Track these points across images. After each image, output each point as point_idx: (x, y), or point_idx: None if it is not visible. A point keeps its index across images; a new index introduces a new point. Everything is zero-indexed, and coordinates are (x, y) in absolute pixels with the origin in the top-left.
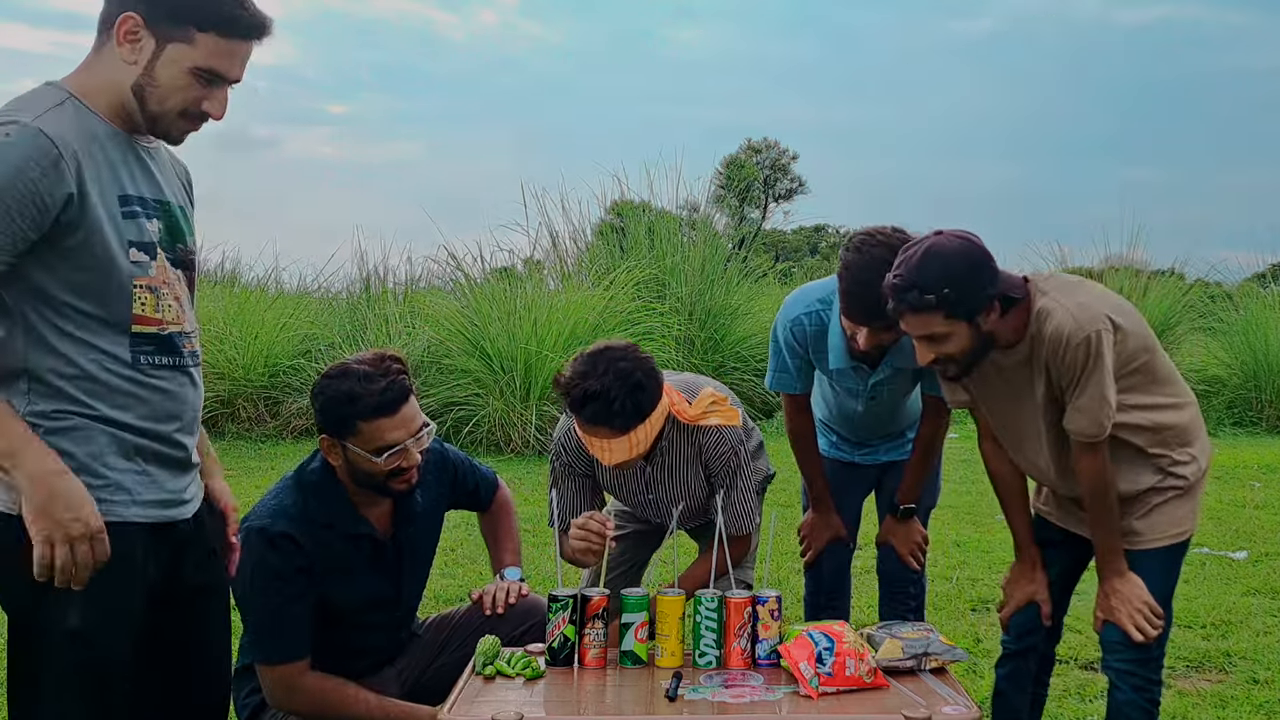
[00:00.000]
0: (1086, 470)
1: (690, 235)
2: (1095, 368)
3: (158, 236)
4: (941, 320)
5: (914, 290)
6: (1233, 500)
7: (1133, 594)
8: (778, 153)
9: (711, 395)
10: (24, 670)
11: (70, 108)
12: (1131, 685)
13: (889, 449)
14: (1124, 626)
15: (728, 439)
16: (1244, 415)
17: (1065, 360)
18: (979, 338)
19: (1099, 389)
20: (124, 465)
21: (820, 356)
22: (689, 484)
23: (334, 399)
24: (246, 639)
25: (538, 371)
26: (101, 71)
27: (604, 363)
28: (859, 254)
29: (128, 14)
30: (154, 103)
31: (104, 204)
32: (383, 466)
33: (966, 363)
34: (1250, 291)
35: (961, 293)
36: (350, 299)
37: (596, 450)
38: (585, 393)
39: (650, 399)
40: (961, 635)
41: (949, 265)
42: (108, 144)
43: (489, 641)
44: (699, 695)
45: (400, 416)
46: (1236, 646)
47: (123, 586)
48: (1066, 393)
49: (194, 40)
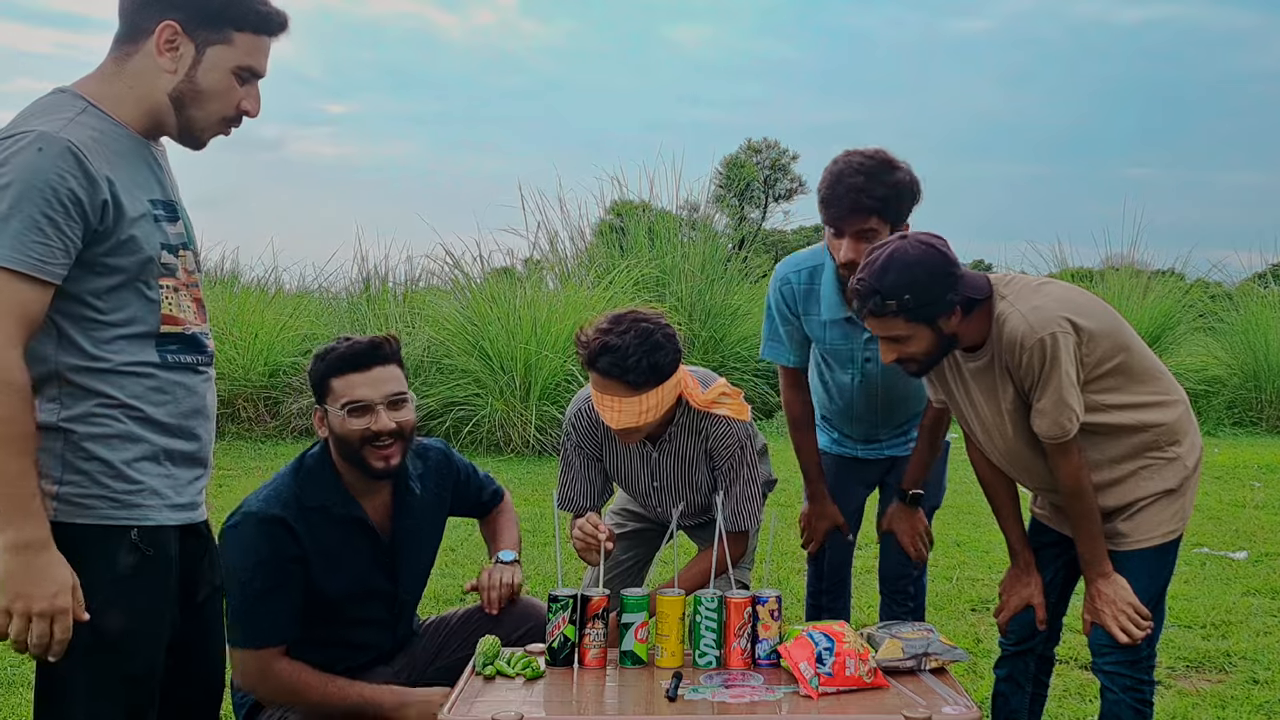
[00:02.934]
0: (1060, 472)
1: (690, 235)
2: (1052, 370)
3: (179, 239)
4: (903, 324)
5: (876, 296)
6: (1233, 500)
7: (1118, 596)
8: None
9: (724, 387)
10: (56, 679)
11: (90, 115)
12: (1121, 686)
13: (892, 441)
14: (1109, 629)
15: (735, 431)
16: (1244, 415)
17: (1022, 364)
18: (940, 339)
19: (1057, 392)
20: (154, 470)
21: (812, 316)
22: (694, 474)
23: (316, 360)
24: (228, 620)
25: (538, 371)
26: (128, 82)
27: (626, 321)
28: (835, 164)
29: (166, 23)
30: (196, 108)
31: (135, 210)
32: (352, 425)
33: (928, 363)
34: (1250, 291)
35: (921, 299)
36: (350, 299)
37: (605, 411)
38: (604, 345)
39: (667, 361)
40: (961, 635)
41: (910, 272)
42: (128, 150)
43: (489, 641)
44: (699, 695)
45: (370, 374)
46: (1236, 646)
47: (159, 591)
48: (1030, 395)
49: (232, 41)
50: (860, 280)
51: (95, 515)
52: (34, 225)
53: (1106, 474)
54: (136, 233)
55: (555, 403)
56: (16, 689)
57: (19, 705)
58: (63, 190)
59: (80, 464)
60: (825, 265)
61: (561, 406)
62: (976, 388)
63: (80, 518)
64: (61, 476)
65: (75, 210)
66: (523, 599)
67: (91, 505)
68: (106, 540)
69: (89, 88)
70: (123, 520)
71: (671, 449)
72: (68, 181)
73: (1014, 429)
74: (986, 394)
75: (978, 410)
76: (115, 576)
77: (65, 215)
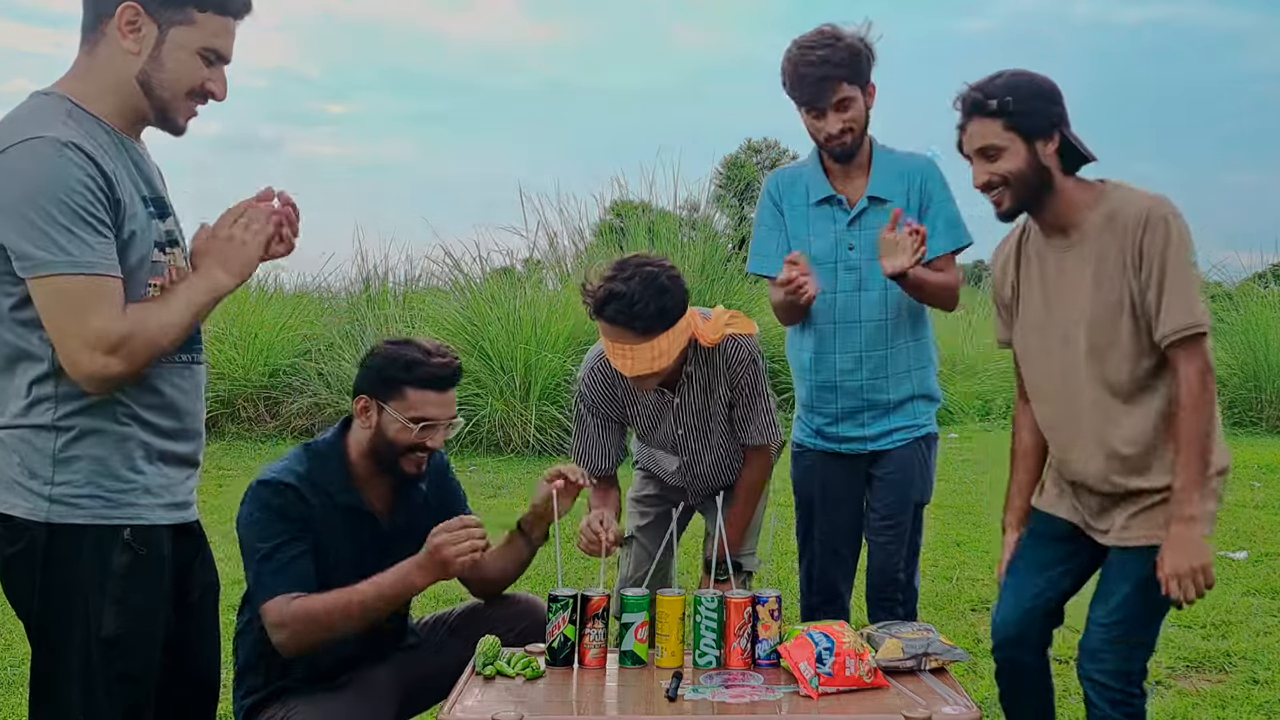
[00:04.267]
0: (1187, 377)
1: (690, 235)
2: (1181, 248)
3: (168, 236)
4: (1000, 130)
5: (978, 94)
6: (1233, 500)
7: (1193, 552)
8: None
9: (727, 311)
10: (52, 680)
11: (76, 116)
12: (1109, 700)
13: (875, 425)
14: (1164, 579)
15: (745, 347)
16: (1244, 415)
17: (1142, 241)
18: (1034, 166)
19: (1185, 271)
20: (150, 469)
21: (796, 208)
22: (715, 412)
23: (392, 360)
24: (249, 588)
25: (537, 371)
26: (99, 71)
27: (630, 267)
28: (789, 51)
29: (126, 4)
30: (162, 89)
31: (133, 207)
32: (412, 437)
33: (1019, 193)
34: (1250, 291)
35: (1022, 105)
36: (350, 299)
37: (617, 359)
38: (610, 292)
39: (674, 304)
40: (961, 635)
41: (1017, 79)
42: (115, 148)
43: (489, 641)
44: (699, 695)
45: (446, 396)
46: (1236, 646)
47: (154, 590)
48: (1146, 284)
49: (195, 21)
50: (966, 86)
51: (88, 515)
52: (91, 229)
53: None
54: (135, 229)
55: (555, 403)
56: (16, 689)
57: (19, 705)
58: (93, 188)
59: (74, 463)
60: (810, 163)
61: (562, 407)
62: (1059, 283)
63: (73, 517)
64: (54, 476)
65: (109, 204)
66: (523, 597)
67: (84, 505)
68: (100, 540)
69: (68, 87)
70: (116, 520)
71: (690, 391)
72: (94, 180)
73: (1088, 336)
74: (1072, 288)
75: (1054, 312)
76: (109, 576)
77: (105, 210)
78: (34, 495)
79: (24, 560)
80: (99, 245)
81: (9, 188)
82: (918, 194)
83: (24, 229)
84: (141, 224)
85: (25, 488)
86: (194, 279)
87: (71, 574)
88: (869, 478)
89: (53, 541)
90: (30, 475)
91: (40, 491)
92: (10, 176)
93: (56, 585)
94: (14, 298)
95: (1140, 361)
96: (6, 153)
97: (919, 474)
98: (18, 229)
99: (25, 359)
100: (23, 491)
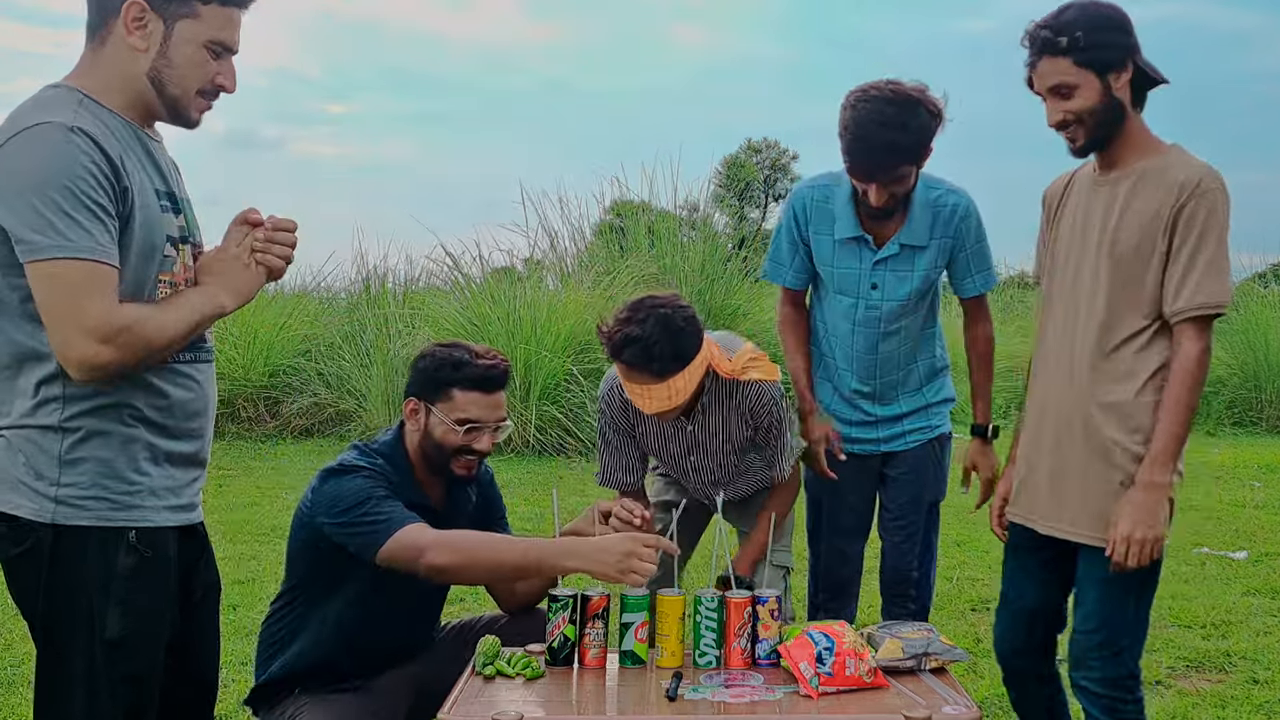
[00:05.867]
0: (1183, 352)
1: (690, 235)
2: (1225, 226)
3: (180, 233)
4: (1071, 67)
5: (1046, 31)
6: (1233, 500)
7: (1151, 520)
8: (778, 153)
9: (751, 351)
10: (55, 679)
11: (88, 107)
12: (1101, 708)
13: (888, 429)
14: (1113, 538)
15: (769, 393)
16: (1244, 415)
17: (1185, 207)
18: (1108, 99)
19: (1220, 247)
20: (156, 471)
21: (823, 234)
22: (728, 442)
23: (442, 362)
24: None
25: (538, 371)
26: (108, 68)
27: (645, 309)
28: (856, 110)
29: (132, 1)
30: (173, 85)
31: (143, 200)
32: (458, 439)
33: (1092, 130)
34: (1250, 291)
35: (1093, 39)
36: (350, 299)
37: (636, 398)
38: (626, 337)
39: (690, 345)
40: (961, 635)
41: (1086, 12)
42: (129, 140)
43: (489, 641)
44: (699, 695)
45: (493, 398)
46: (1236, 646)
47: (159, 591)
48: (1177, 251)
49: (199, 14)
50: (1035, 23)
51: (93, 516)
52: (93, 216)
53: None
54: (146, 219)
55: (555, 403)
56: (17, 689)
57: (19, 705)
58: (99, 175)
59: (79, 465)
60: (842, 186)
61: (562, 407)
62: (1095, 210)
63: (79, 519)
64: (60, 477)
65: (113, 193)
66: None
67: (90, 506)
68: (105, 541)
69: (77, 81)
70: (121, 521)
71: (705, 420)
72: (100, 167)
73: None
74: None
75: (1086, 235)
76: (114, 577)
77: (108, 198)
78: (40, 496)
79: (29, 561)
80: (99, 233)
81: (13, 173)
82: (950, 239)
83: (24, 214)
84: (153, 215)
85: (31, 488)
86: (198, 293)
87: (76, 575)
88: (882, 477)
89: (58, 542)
90: (36, 476)
91: (46, 493)
92: (14, 161)
93: (61, 586)
94: (21, 290)
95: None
96: (13, 139)
97: (932, 473)
98: (18, 214)
99: (33, 359)
100: (28, 492)
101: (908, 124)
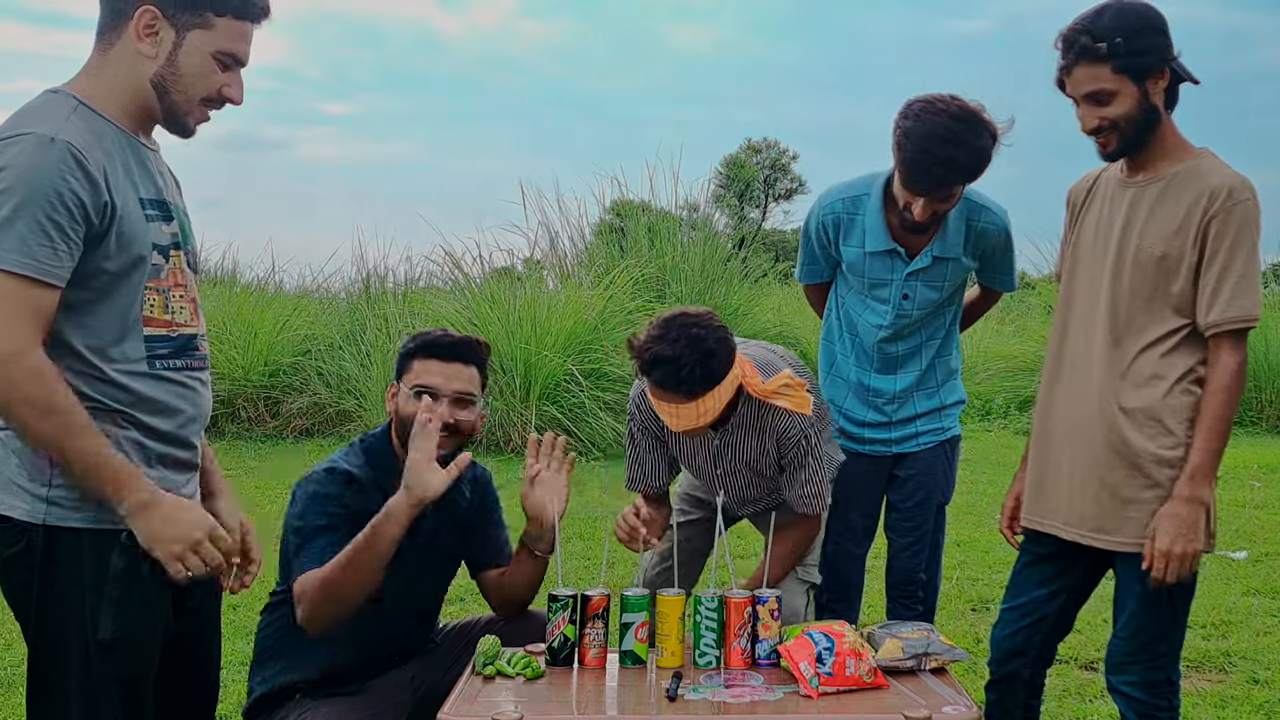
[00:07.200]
0: (1219, 366)
1: (690, 235)
2: (1255, 239)
3: (171, 240)
4: (1109, 74)
5: (1085, 36)
6: (1233, 500)
7: (1190, 535)
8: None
9: (787, 378)
10: (49, 681)
11: (82, 114)
12: (1137, 712)
13: (901, 431)
14: (1152, 554)
15: (797, 424)
16: (1244, 415)
17: (1215, 216)
18: (1145, 106)
19: (1253, 257)
20: (150, 474)
21: (852, 246)
22: (757, 460)
23: (408, 340)
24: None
25: (537, 371)
26: (112, 72)
27: (677, 328)
28: (919, 122)
29: (145, 8)
30: (176, 92)
31: (128, 209)
32: (414, 408)
33: (1127, 135)
34: None
35: (1133, 45)
36: (350, 299)
37: (665, 415)
38: (656, 357)
39: (720, 367)
40: (961, 635)
41: (1125, 16)
42: (120, 148)
43: (489, 641)
44: (699, 695)
45: (449, 367)
46: (1236, 646)
47: (152, 593)
48: (1208, 262)
49: (212, 25)
50: (1071, 25)
51: (86, 519)
52: (39, 229)
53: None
54: (128, 231)
55: (555, 403)
56: (16, 689)
57: (19, 705)
58: (66, 193)
59: None
60: (870, 195)
61: (561, 407)
62: (1120, 213)
63: (71, 521)
64: (52, 480)
65: (79, 213)
66: (542, 615)
67: (82, 507)
68: (98, 543)
69: (79, 86)
70: (113, 523)
71: (734, 438)
72: (70, 184)
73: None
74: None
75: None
76: (107, 579)
77: (69, 218)
78: (32, 497)
79: (22, 561)
80: (44, 253)
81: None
82: (979, 253)
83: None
84: (137, 226)
85: (23, 489)
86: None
87: (69, 576)
88: (891, 477)
89: (50, 543)
90: (29, 477)
91: (38, 494)
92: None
93: (54, 587)
94: None
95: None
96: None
97: (943, 476)
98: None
99: None
100: (21, 493)
101: (971, 143)
